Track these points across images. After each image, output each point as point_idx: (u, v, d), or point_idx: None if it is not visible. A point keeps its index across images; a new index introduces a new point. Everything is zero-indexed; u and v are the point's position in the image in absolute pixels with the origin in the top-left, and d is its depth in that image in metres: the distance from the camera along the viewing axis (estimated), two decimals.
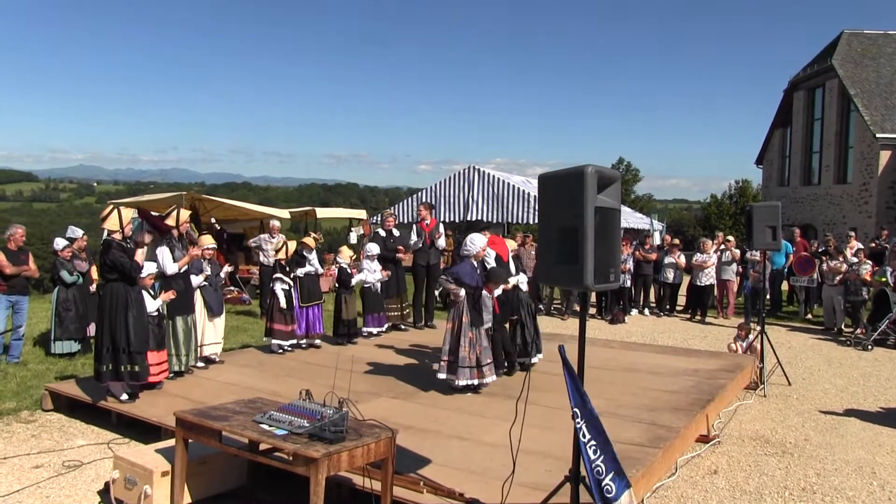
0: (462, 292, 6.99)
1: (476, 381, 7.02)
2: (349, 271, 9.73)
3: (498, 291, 7.45)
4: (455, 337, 7.00)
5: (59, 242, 9.27)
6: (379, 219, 20.34)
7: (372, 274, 9.87)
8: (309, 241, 9.50)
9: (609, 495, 3.55)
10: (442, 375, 7.07)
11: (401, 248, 10.65)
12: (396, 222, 11.24)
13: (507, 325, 8.02)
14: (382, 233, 10.85)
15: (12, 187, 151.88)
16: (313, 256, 9.39)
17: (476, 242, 7.26)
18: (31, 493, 5.09)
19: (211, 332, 8.17)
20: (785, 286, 15.67)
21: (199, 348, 8.00)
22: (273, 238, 12.32)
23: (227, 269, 9.32)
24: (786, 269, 14.61)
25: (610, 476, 3.58)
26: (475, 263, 7.22)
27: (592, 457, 3.60)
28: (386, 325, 10.35)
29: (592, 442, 3.62)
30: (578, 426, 3.67)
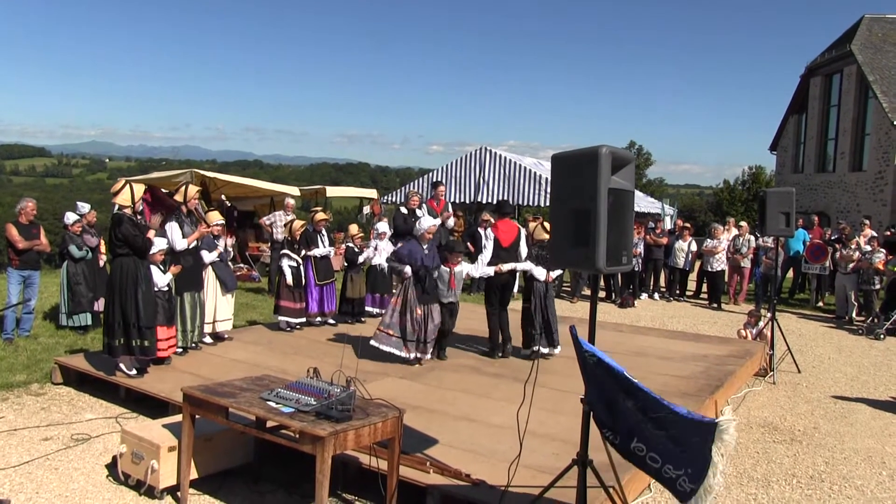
0: (408, 269, 7.38)
1: (415, 356, 7.39)
2: (356, 250, 9.71)
3: (475, 272, 7.88)
4: (400, 312, 7.37)
5: (70, 217, 9.27)
6: (390, 198, 20.31)
7: (381, 254, 9.84)
8: (320, 216, 9.46)
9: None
10: (374, 343, 7.38)
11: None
12: (420, 202, 11.17)
13: (496, 311, 8.03)
14: (405, 211, 10.83)
15: (25, 162, 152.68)
16: (325, 235, 9.34)
17: (423, 224, 7.69)
18: (40, 464, 5.13)
19: (224, 307, 8.16)
20: (790, 273, 15.60)
21: (212, 324, 8.02)
22: (288, 215, 12.31)
23: (226, 241, 9.21)
24: (803, 256, 14.50)
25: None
26: (422, 244, 7.55)
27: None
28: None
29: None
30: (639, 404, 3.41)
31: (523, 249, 8.04)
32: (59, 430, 5.85)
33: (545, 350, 7.83)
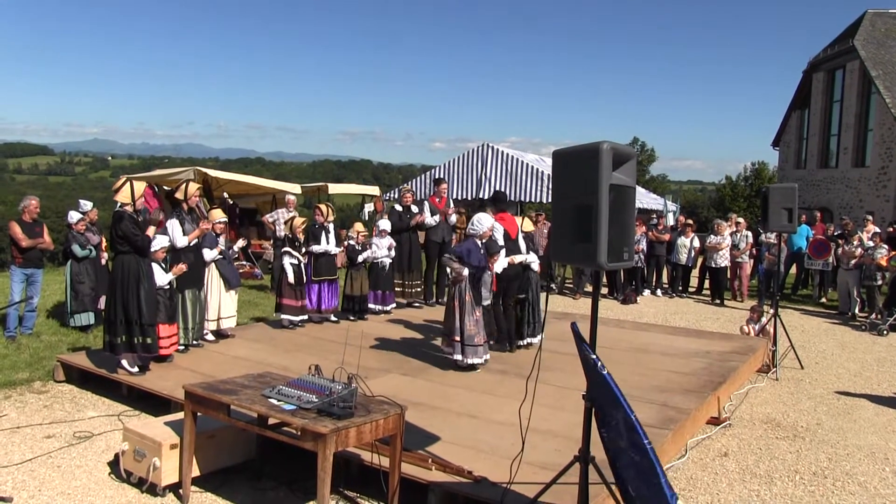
0: (465, 271, 7.03)
1: (482, 360, 7.13)
2: (357, 248, 9.71)
3: (498, 267, 7.51)
4: (461, 316, 7.03)
5: (74, 216, 9.25)
6: (393, 195, 20.30)
7: (381, 250, 9.86)
8: (322, 208, 9.43)
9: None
10: (458, 357, 7.06)
11: (417, 216, 10.67)
12: (414, 199, 11.24)
13: (512, 303, 8.04)
14: (399, 208, 10.87)
15: (28, 160, 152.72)
16: (331, 231, 9.31)
17: (483, 222, 7.24)
18: (42, 462, 5.14)
19: (227, 304, 8.17)
20: (793, 269, 15.58)
21: (216, 321, 8.04)
22: (290, 212, 12.31)
23: (240, 243, 9.29)
24: (805, 252, 14.48)
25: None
26: (479, 243, 7.22)
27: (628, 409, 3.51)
28: (392, 305, 10.29)
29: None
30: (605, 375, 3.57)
31: (522, 241, 8.10)
32: (61, 427, 5.86)
33: (535, 339, 8.04)
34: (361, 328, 8.93)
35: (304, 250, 9.05)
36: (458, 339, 7.04)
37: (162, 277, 6.87)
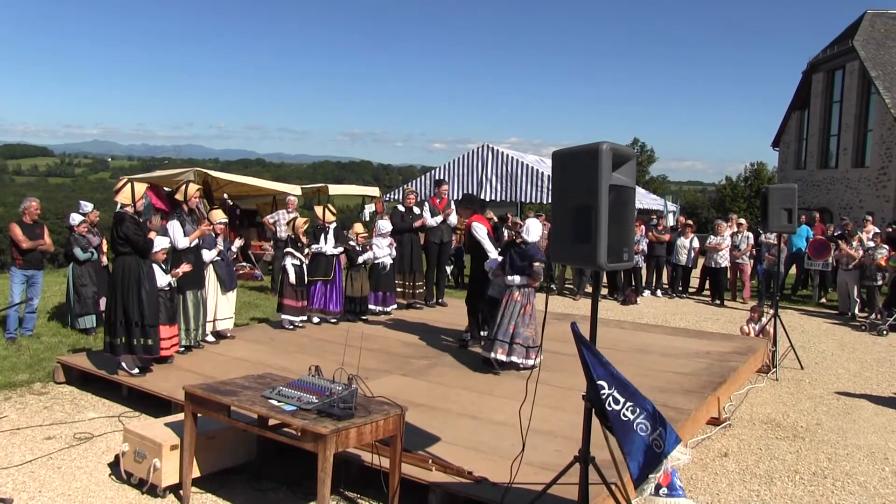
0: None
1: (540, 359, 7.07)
2: (357, 249, 9.71)
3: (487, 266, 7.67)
4: (529, 319, 7.05)
5: (75, 218, 9.26)
6: (393, 196, 20.34)
7: (382, 250, 9.86)
8: (318, 211, 9.44)
9: (658, 450, 3.46)
10: (531, 362, 6.94)
11: (420, 217, 10.69)
12: (417, 200, 11.27)
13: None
14: (402, 209, 10.90)
15: (28, 162, 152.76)
16: (330, 234, 9.31)
17: (538, 228, 7.33)
18: (42, 463, 5.14)
19: (224, 306, 8.18)
20: (793, 270, 15.59)
21: (213, 322, 8.03)
22: (290, 213, 12.31)
23: (238, 243, 9.29)
24: (805, 252, 14.50)
25: (657, 432, 3.48)
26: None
27: (631, 416, 3.52)
28: (393, 306, 10.29)
29: (629, 403, 3.53)
30: (605, 396, 3.56)
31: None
32: (61, 429, 5.86)
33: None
34: (362, 329, 8.93)
35: (305, 251, 9.07)
36: (520, 342, 6.97)
37: (163, 278, 6.88)
